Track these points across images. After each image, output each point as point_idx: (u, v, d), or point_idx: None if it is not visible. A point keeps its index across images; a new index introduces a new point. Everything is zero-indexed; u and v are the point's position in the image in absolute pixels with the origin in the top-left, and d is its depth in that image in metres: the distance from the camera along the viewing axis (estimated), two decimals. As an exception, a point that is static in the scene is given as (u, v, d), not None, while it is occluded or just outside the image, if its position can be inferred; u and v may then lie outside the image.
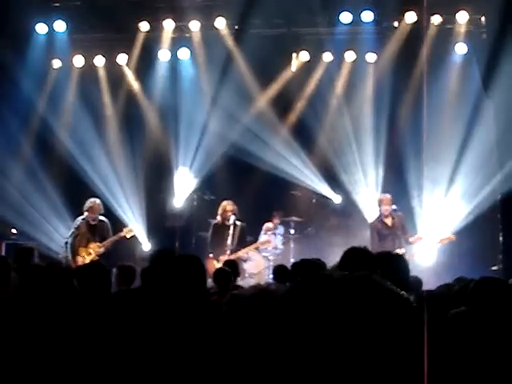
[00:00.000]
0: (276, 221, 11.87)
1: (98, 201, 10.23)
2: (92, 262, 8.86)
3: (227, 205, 10.48)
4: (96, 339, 3.29)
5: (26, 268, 6.70)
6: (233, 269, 7.00)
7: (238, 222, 10.40)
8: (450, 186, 11.23)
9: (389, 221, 9.92)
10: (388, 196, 10.10)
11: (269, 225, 11.66)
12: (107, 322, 3.87)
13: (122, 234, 10.04)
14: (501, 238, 10.74)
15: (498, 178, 10.78)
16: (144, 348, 3.31)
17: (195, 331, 3.26)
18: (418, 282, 5.77)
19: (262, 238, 11.21)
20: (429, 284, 6.21)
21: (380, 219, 10.06)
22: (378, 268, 3.71)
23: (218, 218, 10.54)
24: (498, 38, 10.51)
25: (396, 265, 3.98)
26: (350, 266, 3.68)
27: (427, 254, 9.96)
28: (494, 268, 10.12)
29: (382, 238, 9.83)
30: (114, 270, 8.70)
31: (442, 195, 11.24)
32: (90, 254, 9.64)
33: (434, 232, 10.66)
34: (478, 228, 10.68)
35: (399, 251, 8.86)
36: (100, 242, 9.79)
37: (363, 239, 10.05)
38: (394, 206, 10.16)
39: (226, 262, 7.93)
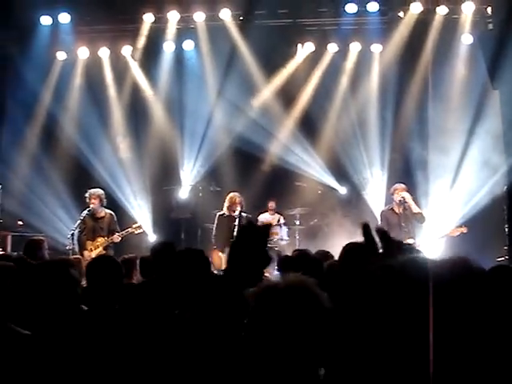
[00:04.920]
0: (272, 204, 11.55)
1: (99, 191, 10.12)
2: (101, 255, 8.87)
3: (235, 197, 10.44)
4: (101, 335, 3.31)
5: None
6: None
7: (244, 214, 10.39)
8: (456, 176, 11.23)
9: (399, 210, 9.87)
10: (402, 185, 10.03)
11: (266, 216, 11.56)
12: (119, 317, 3.88)
13: (131, 230, 10.02)
14: (506, 230, 10.73)
15: (503, 169, 10.77)
16: (148, 345, 3.32)
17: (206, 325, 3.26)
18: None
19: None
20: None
21: (390, 208, 10.03)
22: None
23: (225, 209, 10.51)
24: (504, 29, 10.47)
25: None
26: (351, 260, 3.59)
27: (432, 245, 9.94)
28: (500, 259, 10.11)
29: (390, 226, 9.79)
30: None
31: (448, 186, 11.24)
32: (97, 247, 9.64)
33: (441, 223, 10.66)
34: (484, 219, 10.67)
35: (408, 242, 8.84)
36: (107, 235, 9.78)
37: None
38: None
39: None
